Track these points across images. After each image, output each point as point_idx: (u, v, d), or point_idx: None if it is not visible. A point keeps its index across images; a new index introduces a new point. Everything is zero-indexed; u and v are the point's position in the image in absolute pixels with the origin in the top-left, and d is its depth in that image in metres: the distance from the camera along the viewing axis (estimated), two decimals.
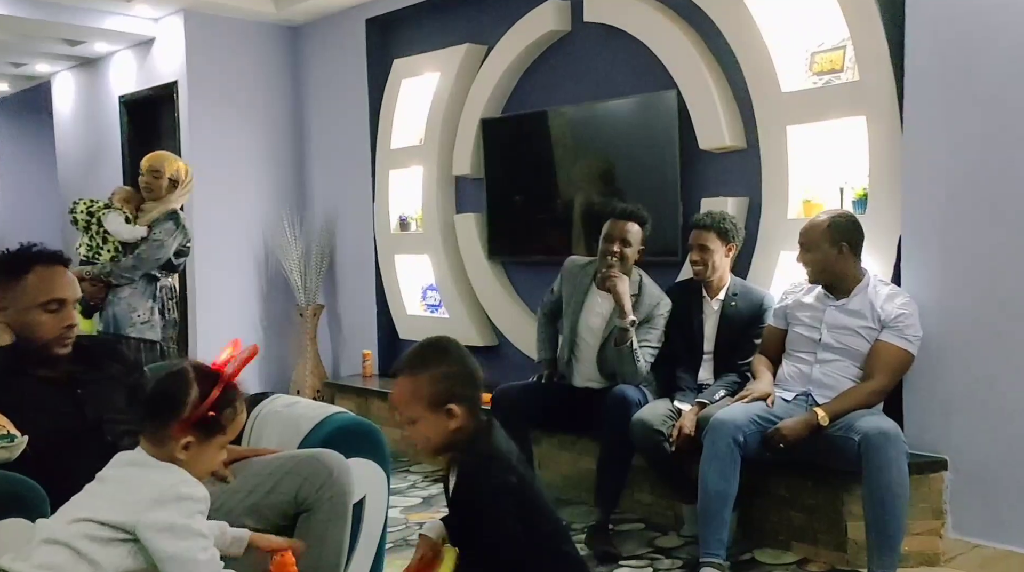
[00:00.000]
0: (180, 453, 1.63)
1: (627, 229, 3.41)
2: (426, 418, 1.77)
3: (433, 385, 1.76)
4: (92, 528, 1.55)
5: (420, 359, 1.81)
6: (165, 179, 3.89)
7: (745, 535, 3.21)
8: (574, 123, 4.33)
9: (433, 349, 1.83)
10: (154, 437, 1.65)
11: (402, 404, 1.80)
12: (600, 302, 3.50)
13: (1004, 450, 2.91)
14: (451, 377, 1.78)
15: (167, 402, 1.65)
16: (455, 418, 1.77)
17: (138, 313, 3.79)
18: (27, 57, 6.52)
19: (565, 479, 3.85)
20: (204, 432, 1.65)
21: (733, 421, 2.88)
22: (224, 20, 5.59)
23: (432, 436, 1.79)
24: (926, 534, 2.98)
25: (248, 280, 5.77)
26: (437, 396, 1.76)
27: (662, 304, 3.40)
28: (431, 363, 1.79)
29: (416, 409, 1.77)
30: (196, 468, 1.66)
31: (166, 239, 3.81)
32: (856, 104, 3.30)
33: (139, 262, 3.79)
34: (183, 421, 1.63)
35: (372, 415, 4.75)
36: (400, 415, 1.81)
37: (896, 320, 2.91)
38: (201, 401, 1.64)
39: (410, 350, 1.86)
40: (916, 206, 3.09)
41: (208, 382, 1.66)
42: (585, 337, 3.53)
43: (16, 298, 2.10)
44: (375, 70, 5.34)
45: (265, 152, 5.82)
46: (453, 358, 1.81)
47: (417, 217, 5.14)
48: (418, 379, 1.78)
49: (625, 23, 4.02)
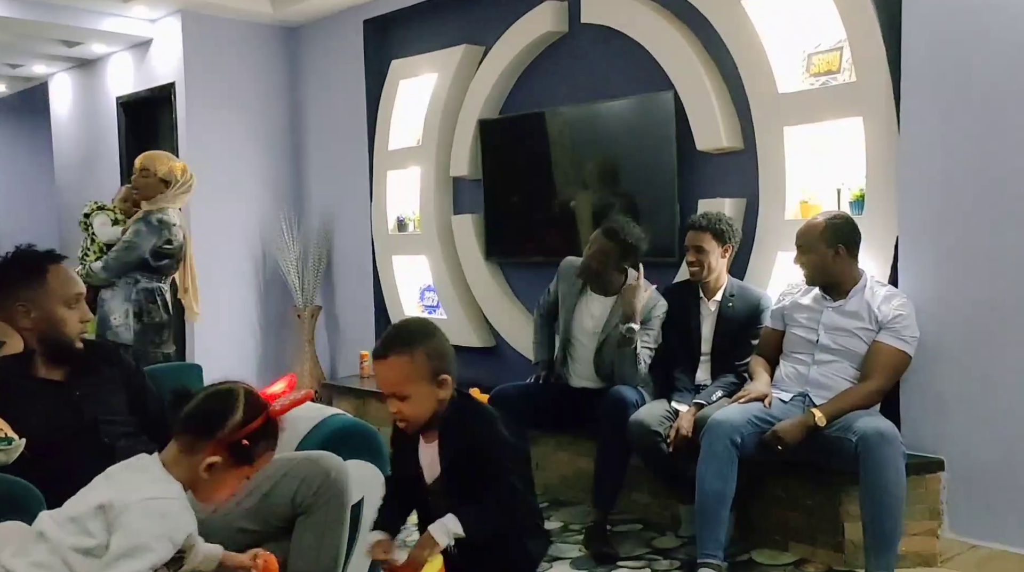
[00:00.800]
0: (203, 471, 1.63)
1: (600, 240, 3.42)
2: (420, 392, 1.85)
3: (428, 359, 1.85)
4: (88, 527, 1.54)
5: (408, 337, 1.89)
6: (155, 178, 3.78)
7: (742, 535, 3.22)
8: (572, 124, 4.33)
9: (416, 326, 1.94)
10: (185, 446, 1.65)
11: (399, 382, 1.85)
12: (593, 304, 3.52)
13: (1001, 450, 2.92)
14: (438, 350, 1.89)
15: (210, 417, 1.65)
16: (446, 387, 1.87)
17: (114, 316, 3.72)
18: (24, 58, 6.51)
19: (563, 479, 3.85)
20: (233, 457, 1.66)
21: (730, 422, 2.89)
22: (221, 21, 5.59)
23: (423, 410, 1.87)
24: (923, 534, 2.98)
25: (246, 281, 5.76)
26: (432, 369, 1.86)
27: (659, 305, 3.41)
28: (418, 339, 1.87)
29: (413, 385, 1.85)
30: (209, 492, 1.66)
31: (135, 241, 3.70)
32: (853, 105, 3.30)
33: (107, 264, 3.72)
34: (218, 440, 1.63)
35: (370, 416, 4.75)
36: (394, 394, 1.86)
37: (893, 321, 2.92)
38: (242, 426, 1.65)
39: (391, 332, 1.93)
40: (913, 207, 3.09)
41: (254, 410, 1.67)
42: (580, 338, 3.53)
43: (42, 298, 2.12)
44: (373, 71, 5.35)
45: (263, 153, 5.81)
46: (434, 332, 1.92)
47: (415, 218, 5.14)
48: (415, 355, 1.85)
49: (622, 24, 4.02)
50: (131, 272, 3.75)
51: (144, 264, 3.75)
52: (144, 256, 3.73)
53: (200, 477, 1.64)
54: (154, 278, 3.80)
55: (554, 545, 3.31)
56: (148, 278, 3.79)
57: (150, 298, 3.78)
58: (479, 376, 4.57)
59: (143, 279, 3.77)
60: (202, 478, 1.64)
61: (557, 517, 3.61)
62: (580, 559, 3.17)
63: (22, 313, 2.11)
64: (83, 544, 1.54)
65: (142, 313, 3.74)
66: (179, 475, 1.64)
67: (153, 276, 3.80)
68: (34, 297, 2.11)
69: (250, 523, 2.04)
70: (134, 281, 3.76)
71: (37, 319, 2.11)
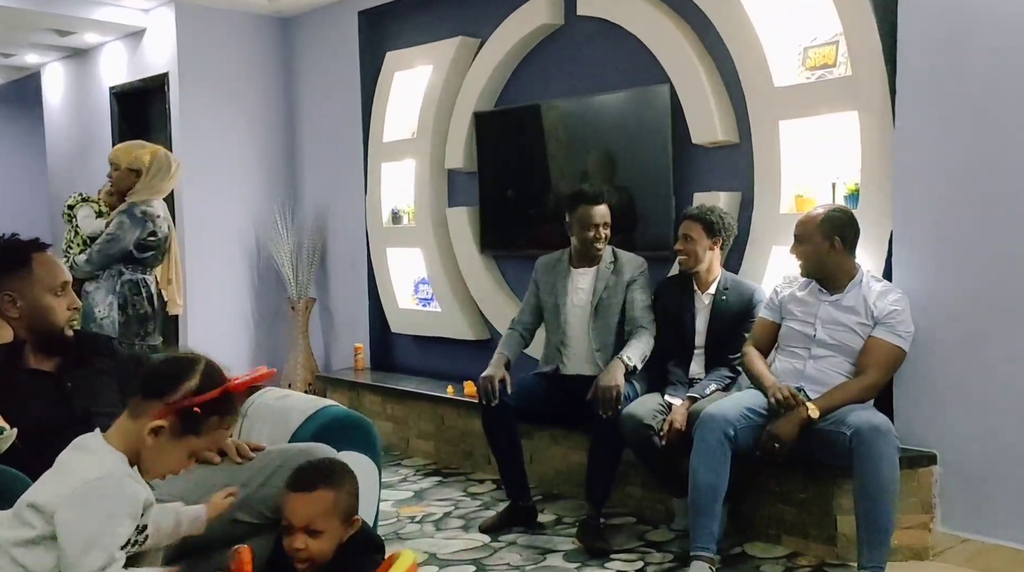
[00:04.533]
0: (147, 435, 1.57)
1: (604, 212, 3.53)
2: (333, 530, 1.82)
3: (348, 497, 1.86)
4: (25, 517, 1.52)
5: (333, 473, 1.87)
6: (124, 170, 3.74)
7: (736, 529, 3.22)
8: (567, 117, 4.33)
9: (339, 465, 1.93)
10: (134, 409, 1.60)
11: (320, 518, 1.80)
12: (579, 279, 3.57)
13: (994, 445, 2.93)
14: (356, 490, 1.89)
15: (162, 379, 1.61)
16: (352, 527, 1.86)
17: (98, 308, 3.70)
18: (17, 48, 6.47)
19: (556, 473, 3.86)
20: (181, 425, 1.59)
21: (724, 415, 2.88)
22: (215, 11, 5.56)
23: (329, 549, 1.82)
24: (915, 528, 2.99)
25: (239, 273, 5.75)
26: (350, 509, 1.86)
27: (641, 262, 3.57)
28: (343, 478, 1.87)
29: (332, 522, 1.81)
30: (154, 461, 1.61)
31: (118, 233, 3.67)
32: (848, 99, 3.30)
33: (91, 257, 3.70)
34: (168, 403, 1.58)
35: (363, 408, 4.75)
36: (306, 528, 1.80)
37: (889, 316, 2.92)
38: (196, 394, 1.59)
39: (309, 466, 1.90)
40: (907, 201, 3.09)
41: (212, 382, 1.62)
42: (571, 318, 3.55)
43: (28, 287, 2.11)
44: (367, 63, 5.32)
45: (256, 144, 5.79)
46: (351, 473, 1.91)
47: (409, 210, 5.12)
48: (339, 492, 1.83)
49: (618, 17, 4.01)
50: (115, 264, 3.72)
51: (128, 256, 3.73)
52: (128, 248, 3.70)
53: (144, 442, 1.57)
54: (138, 270, 3.78)
55: (548, 539, 3.32)
56: (132, 270, 3.76)
57: (134, 290, 3.75)
58: (472, 369, 4.56)
59: (127, 271, 3.75)
60: (146, 443, 1.57)
61: (550, 511, 3.62)
62: (573, 552, 3.17)
63: (8, 303, 2.10)
64: (24, 536, 1.51)
65: (127, 305, 3.71)
66: (123, 444, 1.58)
67: (137, 268, 3.77)
68: (20, 286, 2.10)
69: (244, 515, 2.03)
70: (118, 273, 3.73)
71: (24, 308, 2.10)
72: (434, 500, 3.84)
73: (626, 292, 3.50)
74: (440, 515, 3.62)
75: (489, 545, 3.26)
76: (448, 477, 4.19)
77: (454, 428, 4.38)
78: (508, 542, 3.29)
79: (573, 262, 3.61)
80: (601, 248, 3.54)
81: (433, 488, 4.02)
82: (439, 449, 4.46)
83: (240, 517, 2.03)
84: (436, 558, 3.13)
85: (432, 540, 3.32)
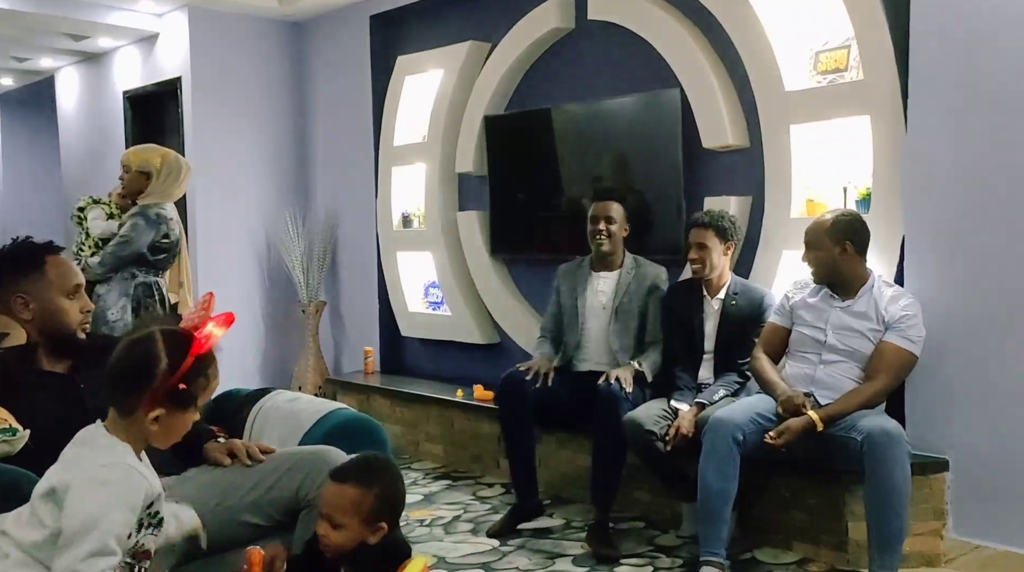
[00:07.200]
0: (151, 426, 1.58)
1: (609, 207, 3.56)
2: (352, 528, 1.77)
3: (376, 502, 1.78)
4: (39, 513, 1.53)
5: (367, 472, 1.82)
6: (134, 173, 3.76)
7: (745, 534, 3.21)
8: (577, 121, 4.33)
9: (381, 464, 1.87)
10: (122, 407, 1.59)
11: (339, 511, 1.77)
12: (600, 282, 3.63)
13: (1006, 451, 2.91)
14: (391, 495, 1.82)
15: (135, 373, 1.57)
16: (378, 534, 1.78)
17: (111, 311, 3.71)
18: (31, 52, 6.52)
19: (564, 477, 3.85)
20: (175, 404, 1.58)
21: (733, 420, 2.88)
22: (228, 16, 5.59)
23: (348, 544, 1.79)
24: (927, 534, 2.97)
25: (250, 276, 5.77)
26: (375, 513, 1.78)
27: (661, 272, 3.62)
28: (376, 479, 1.80)
29: (350, 520, 1.77)
30: (166, 437, 1.62)
31: (131, 235, 3.70)
32: (860, 103, 3.29)
33: (104, 259, 3.72)
34: (153, 393, 1.56)
35: (374, 412, 4.75)
36: (329, 518, 1.78)
37: (899, 321, 2.90)
38: (171, 372, 1.56)
39: (359, 461, 1.87)
40: (919, 206, 3.08)
41: (179, 351, 1.57)
42: (590, 322, 3.60)
43: (42, 290, 2.12)
44: (379, 67, 5.34)
45: (268, 148, 5.82)
46: (395, 476, 1.86)
47: (420, 214, 5.13)
48: (365, 493, 1.78)
49: (629, 21, 4.01)
50: (126, 267, 3.74)
51: (141, 259, 3.74)
52: (141, 251, 3.72)
53: (150, 431, 1.58)
54: (151, 273, 3.79)
55: (556, 543, 3.31)
56: (145, 273, 3.78)
57: (148, 293, 3.77)
58: (483, 373, 4.57)
59: (140, 274, 3.77)
60: (152, 431, 1.58)
61: (559, 514, 3.61)
62: (582, 557, 3.16)
63: (22, 305, 2.11)
64: (39, 537, 1.52)
65: (140, 308, 3.73)
66: (127, 436, 1.59)
67: (150, 271, 3.79)
68: (33, 288, 2.11)
69: (253, 516, 2.04)
70: (131, 276, 3.75)
71: (37, 310, 2.11)
72: (443, 504, 3.84)
73: (647, 299, 3.55)
74: (449, 519, 3.62)
75: (498, 549, 3.26)
76: (457, 481, 4.19)
77: (464, 432, 4.38)
78: (517, 546, 3.29)
79: (593, 266, 3.66)
80: (604, 244, 3.55)
81: (442, 492, 4.02)
82: (448, 453, 4.46)
83: (249, 519, 2.03)
84: (445, 562, 3.13)
85: (441, 544, 3.32)
